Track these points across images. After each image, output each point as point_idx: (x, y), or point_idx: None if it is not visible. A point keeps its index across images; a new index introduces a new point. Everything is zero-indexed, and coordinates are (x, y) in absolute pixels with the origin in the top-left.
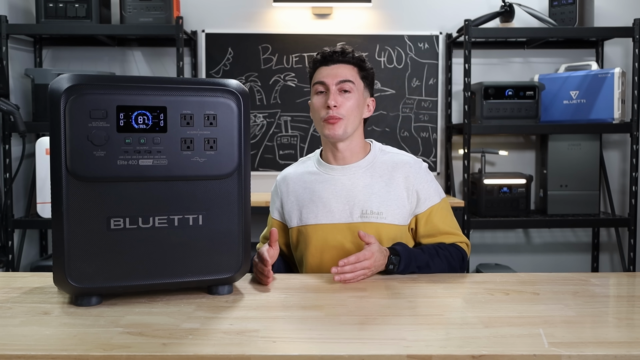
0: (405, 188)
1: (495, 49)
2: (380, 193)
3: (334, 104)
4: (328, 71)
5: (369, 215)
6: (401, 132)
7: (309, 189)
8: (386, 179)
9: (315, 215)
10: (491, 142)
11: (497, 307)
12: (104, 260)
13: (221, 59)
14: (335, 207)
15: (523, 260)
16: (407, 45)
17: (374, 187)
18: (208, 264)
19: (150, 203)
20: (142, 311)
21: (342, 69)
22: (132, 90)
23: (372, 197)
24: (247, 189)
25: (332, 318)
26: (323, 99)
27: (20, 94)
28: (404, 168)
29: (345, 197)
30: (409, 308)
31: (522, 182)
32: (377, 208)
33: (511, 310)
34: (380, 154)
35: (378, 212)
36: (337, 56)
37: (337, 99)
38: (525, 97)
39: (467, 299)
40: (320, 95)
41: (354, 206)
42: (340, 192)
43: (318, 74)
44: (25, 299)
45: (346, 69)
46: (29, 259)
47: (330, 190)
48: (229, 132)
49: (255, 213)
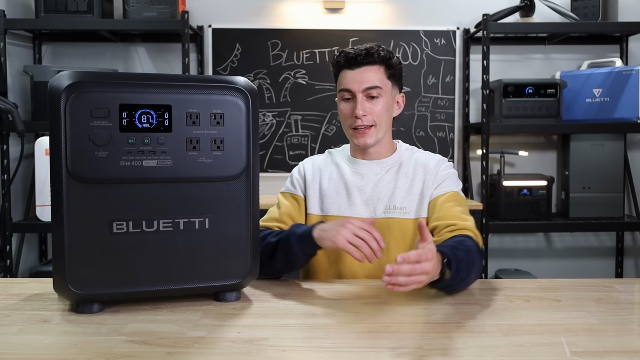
0: (426, 180)
1: (515, 44)
2: (404, 188)
3: (362, 114)
4: (353, 76)
5: (392, 211)
6: (416, 131)
7: (334, 179)
8: (410, 175)
9: (337, 207)
10: (510, 142)
11: (516, 315)
12: (106, 265)
13: (229, 55)
14: (359, 200)
15: (544, 266)
16: (422, 41)
17: (398, 182)
18: (215, 270)
19: (154, 206)
20: (146, 319)
21: (367, 73)
22: (136, 88)
23: (396, 191)
24: (256, 191)
25: (345, 326)
26: (350, 107)
27: (19, 92)
28: (428, 164)
29: (370, 192)
30: (425, 315)
31: (543, 184)
32: (400, 203)
33: (532, 317)
34: (406, 152)
35: (401, 207)
36: (362, 58)
37: (365, 106)
38: (546, 95)
39: (486, 306)
40: (347, 103)
41: (378, 201)
42: (365, 186)
43: (342, 78)
44: (24, 306)
45: (372, 71)
46: (28, 264)
47: (355, 184)
48: (236, 131)
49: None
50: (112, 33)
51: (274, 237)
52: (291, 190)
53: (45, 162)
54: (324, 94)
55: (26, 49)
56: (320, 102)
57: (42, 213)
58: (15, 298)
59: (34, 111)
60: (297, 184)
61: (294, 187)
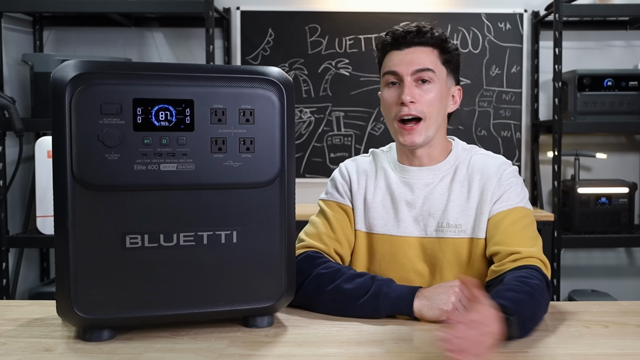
0: (485, 191)
1: (592, 30)
2: (459, 201)
3: (410, 100)
4: (401, 57)
5: (445, 230)
6: (477, 130)
7: (380, 188)
8: (467, 185)
9: (384, 223)
10: (586, 142)
11: (593, 343)
12: (118, 285)
13: (260, 42)
14: (408, 217)
15: (625, 286)
16: (484, 26)
17: (452, 195)
18: (244, 291)
19: (173, 217)
20: (164, 347)
21: (418, 54)
22: (152, 80)
23: (449, 206)
24: (291, 200)
25: (394, 356)
26: (396, 93)
27: (17, 85)
28: (487, 170)
29: (420, 207)
30: None
31: (624, 192)
32: (454, 220)
33: (611, 346)
34: (463, 154)
35: (456, 224)
36: (412, 37)
37: (414, 92)
38: (628, 88)
39: (558, 332)
40: (393, 88)
41: (429, 217)
42: (415, 200)
43: (388, 60)
44: (23, 332)
45: (424, 53)
46: (27, 285)
47: (404, 197)
48: (269, 130)
49: (301, 229)
50: (125, 16)
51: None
52: (337, 198)
53: (48, 165)
54: (370, 87)
55: (25, 35)
56: (366, 97)
57: (43, 225)
58: (13, 323)
59: (34, 107)
60: (342, 190)
61: (341, 194)
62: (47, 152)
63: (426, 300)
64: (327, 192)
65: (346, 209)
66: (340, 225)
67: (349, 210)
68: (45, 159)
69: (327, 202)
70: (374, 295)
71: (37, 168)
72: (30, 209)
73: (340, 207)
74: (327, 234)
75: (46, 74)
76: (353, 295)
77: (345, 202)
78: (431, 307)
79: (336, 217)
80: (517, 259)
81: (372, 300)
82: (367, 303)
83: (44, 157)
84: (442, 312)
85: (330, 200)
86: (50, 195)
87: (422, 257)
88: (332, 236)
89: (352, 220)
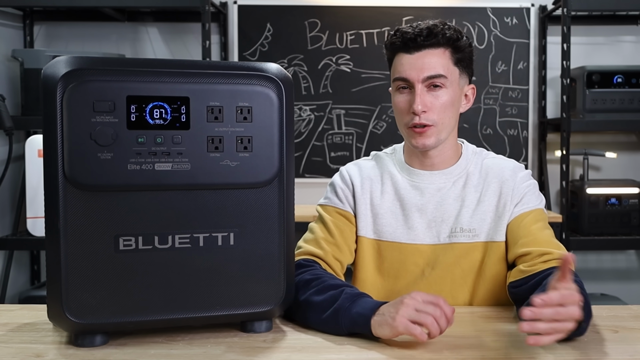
0: (503, 194)
1: (601, 24)
2: (472, 205)
3: (422, 109)
4: (411, 61)
5: (458, 235)
6: (483, 128)
7: (387, 193)
8: (481, 190)
9: (393, 230)
10: (596, 141)
11: (603, 349)
12: (111, 289)
13: (258, 37)
14: (419, 223)
15: (636, 290)
16: (490, 20)
17: (465, 199)
18: (241, 295)
19: (168, 218)
20: (159, 353)
21: (429, 58)
22: (146, 77)
23: (462, 210)
24: (290, 200)
25: None
26: (407, 100)
27: (6, 81)
28: (502, 173)
29: (432, 212)
30: (495, 350)
31: (635, 192)
32: (468, 224)
33: (621, 352)
34: (473, 157)
35: (469, 229)
36: (422, 40)
37: (425, 100)
38: (639, 85)
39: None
40: (404, 94)
41: (442, 223)
42: (426, 205)
43: (398, 64)
44: (13, 337)
45: (435, 56)
46: (17, 288)
47: (414, 202)
48: (267, 129)
49: (301, 230)
50: (118, 10)
51: (318, 293)
52: (336, 204)
53: (38, 165)
54: (372, 83)
55: (15, 30)
56: (368, 94)
57: (34, 226)
58: (2, 328)
59: (25, 104)
60: (343, 196)
61: (341, 200)
62: (38, 151)
63: (378, 316)
64: (326, 197)
65: (346, 214)
66: (340, 230)
67: (350, 216)
68: (35, 158)
69: (325, 207)
70: (335, 310)
71: (28, 167)
72: (20, 210)
73: (340, 212)
74: (325, 238)
75: (37, 70)
76: (320, 308)
77: (344, 208)
78: (380, 324)
79: (335, 222)
80: (548, 260)
81: (334, 315)
82: (328, 318)
83: (35, 156)
84: (390, 328)
85: (329, 205)
86: (41, 195)
87: (433, 264)
88: (331, 241)
89: (353, 227)
